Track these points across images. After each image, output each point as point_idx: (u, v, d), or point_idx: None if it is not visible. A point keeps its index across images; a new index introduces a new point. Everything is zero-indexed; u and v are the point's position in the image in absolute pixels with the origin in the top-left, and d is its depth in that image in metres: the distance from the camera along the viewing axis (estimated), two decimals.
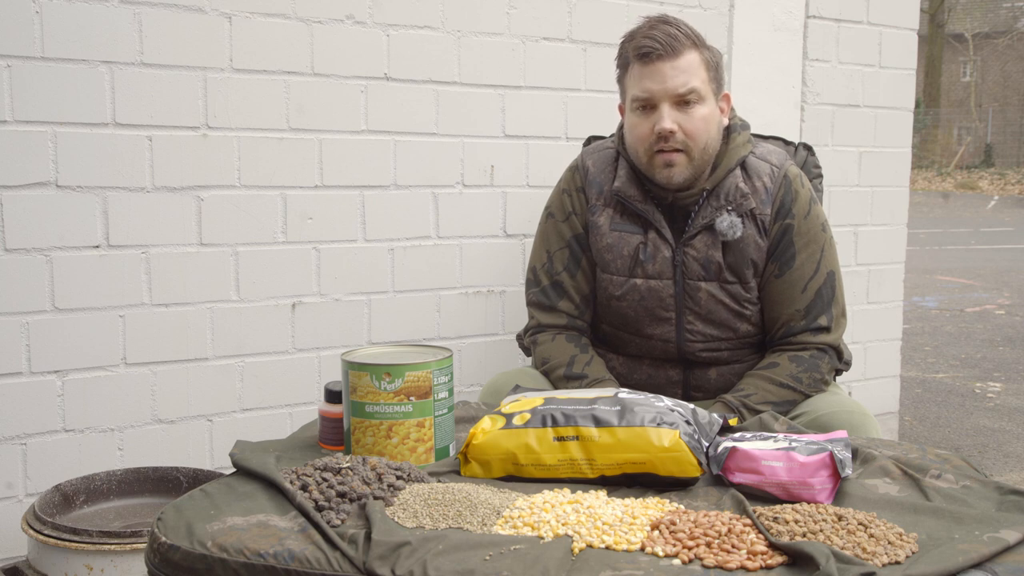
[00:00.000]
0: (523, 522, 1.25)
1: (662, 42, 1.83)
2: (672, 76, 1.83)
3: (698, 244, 1.91)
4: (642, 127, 1.88)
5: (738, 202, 1.90)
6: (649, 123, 1.86)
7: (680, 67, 1.83)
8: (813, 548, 1.12)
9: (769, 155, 1.96)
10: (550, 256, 2.03)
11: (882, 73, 3.20)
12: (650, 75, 1.85)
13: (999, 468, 3.49)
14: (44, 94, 2.02)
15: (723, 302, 1.92)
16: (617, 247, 1.96)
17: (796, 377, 1.88)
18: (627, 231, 1.95)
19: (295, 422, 2.33)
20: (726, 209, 1.90)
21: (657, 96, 1.85)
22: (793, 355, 1.90)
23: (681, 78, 1.83)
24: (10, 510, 2.08)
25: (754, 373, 1.91)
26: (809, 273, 1.92)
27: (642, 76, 1.86)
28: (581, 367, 1.93)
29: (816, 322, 1.91)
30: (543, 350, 2.00)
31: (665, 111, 1.84)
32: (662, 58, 1.83)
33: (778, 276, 1.92)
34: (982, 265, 9.41)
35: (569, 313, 2.01)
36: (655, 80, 1.84)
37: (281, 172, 2.28)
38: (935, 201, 17.57)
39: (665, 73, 1.83)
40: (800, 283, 1.92)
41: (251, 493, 1.37)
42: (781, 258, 1.92)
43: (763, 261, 1.93)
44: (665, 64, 1.83)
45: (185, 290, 2.20)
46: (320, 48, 2.29)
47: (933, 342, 5.82)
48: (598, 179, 2.00)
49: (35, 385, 2.08)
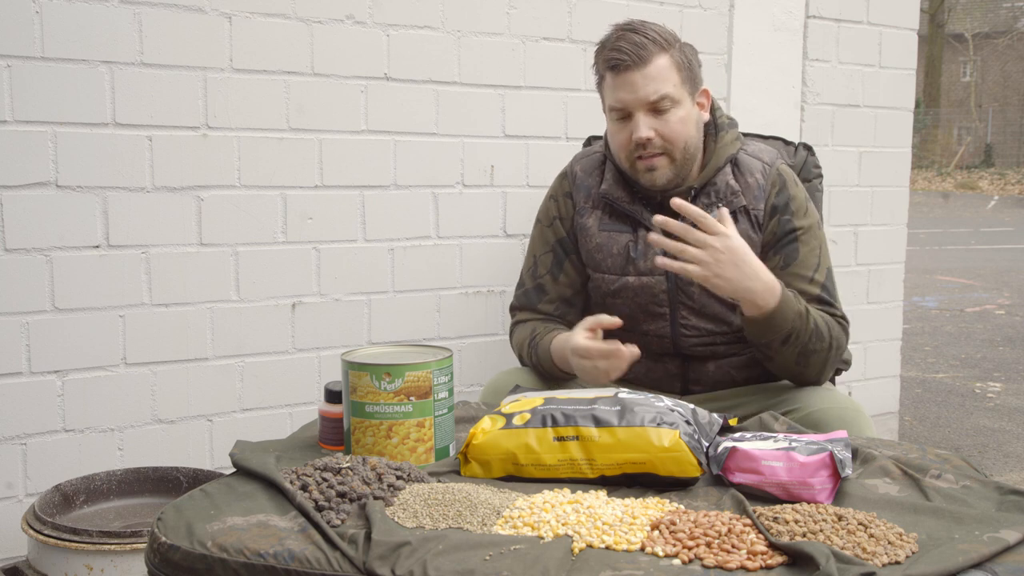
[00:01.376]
0: (523, 522, 1.25)
1: (629, 52, 1.84)
2: (643, 85, 1.84)
3: None
4: (621, 135, 1.90)
5: (728, 199, 1.91)
6: (627, 131, 1.89)
7: (650, 75, 1.84)
8: (813, 548, 1.12)
9: (760, 153, 1.98)
10: (535, 260, 2.07)
11: (882, 73, 3.20)
12: (622, 85, 1.86)
13: (999, 468, 3.49)
14: (44, 94, 2.02)
15: (716, 296, 1.92)
16: (607, 246, 1.97)
17: (828, 323, 1.85)
18: (616, 230, 1.97)
19: (295, 422, 2.33)
20: (716, 206, 1.90)
21: (631, 105, 1.86)
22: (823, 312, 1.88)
23: (652, 86, 1.84)
24: (10, 510, 2.08)
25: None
26: (813, 266, 1.92)
27: (615, 87, 1.88)
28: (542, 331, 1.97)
29: (831, 309, 1.90)
30: (517, 334, 2.04)
31: (640, 120, 1.86)
32: (631, 68, 1.84)
33: (784, 268, 1.91)
34: (982, 265, 9.41)
35: (548, 313, 2.04)
36: (627, 90, 1.86)
37: (281, 172, 2.28)
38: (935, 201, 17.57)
39: (636, 83, 1.85)
40: (807, 274, 1.91)
41: (251, 493, 1.37)
42: (784, 250, 1.92)
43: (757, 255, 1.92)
44: (635, 74, 1.84)
45: (185, 290, 2.20)
46: (320, 48, 2.29)
47: (933, 342, 5.82)
48: (586, 183, 2.02)
49: (35, 385, 2.08)
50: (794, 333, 1.79)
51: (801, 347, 1.82)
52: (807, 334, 1.81)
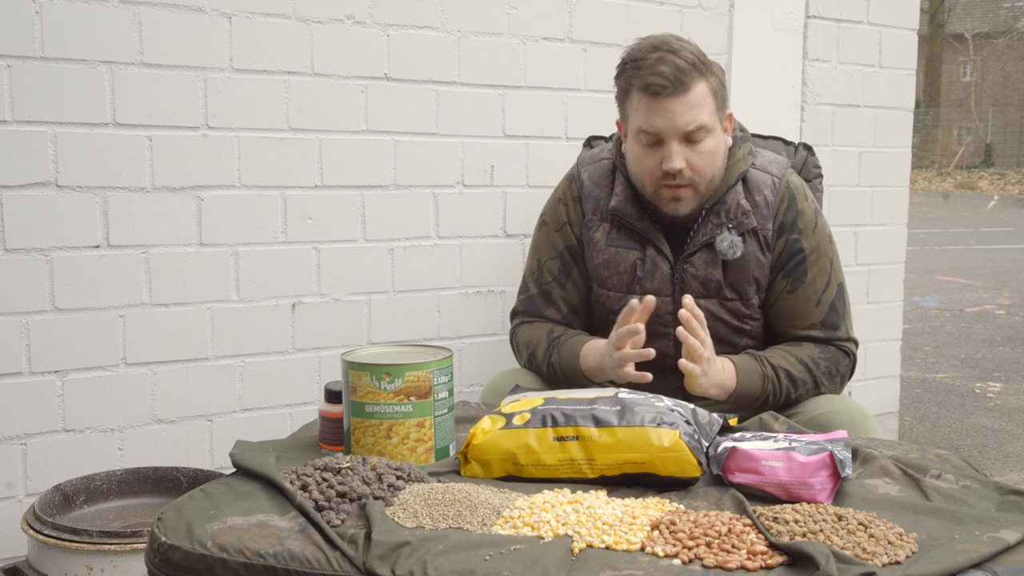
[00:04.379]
0: (523, 522, 1.25)
1: (671, 79, 1.76)
2: (681, 113, 1.77)
3: (697, 262, 1.90)
4: (648, 161, 1.84)
5: (739, 220, 1.88)
6: (656, 158, 1.82)
7: (689, 102, 1.78)
8: (813, 548, 1.12)
9: (770, 165, 1.93)
10: (540, 265, 2.03)
11: (882, 73, 3.20)
12: (658, 111, 1.78)
13: (999, 468, 3.49)
14: (44, 94, 2.02)
15: (722, 319, 1.91)
16: (614, 263, 1.94)
17: (815, 361, 1.87)
18: (624, 247, 1.94)
19: (295, 422, 2.33)
20: (727, 227, 1.87)
21: (665, 133, 1.80)
22: (818, 345, 1.90)
23: (690, 114, 1.78)
24: (10, 510, 2.08)
25: (778, 346, 1.91)
26: (822, 287, 1.90)
27: (649, 111, 1.79)
28: (560, 332, 1.96)
29: (835, 333, 1.91)
30: (524, 336, 2.01)
31: (674, 149, 1.80)
32: (672, 95, 1.77)
33: (791, 292, 1.90)
34: (982, 265, 9.41)
35: (554, 320, 2.01)
36: (664, 117, 1.78)
37: (281, 172, 2.28)
38: (935, 201, 17.57)
39: (674, 110, 1.77)
40: (814, 297, 1.90)
41: (251, 493, 1.37)
42: (792, 273, 1.90)
43: (766, 277, 1.91)
44: (674, 101, 1.77)
45: (185, 290, 2.20)
46: (320, 48, 2.29)
47: (933, 342, 5.82)
48: (594, 193, 1.98)
49: (35, 385, 2.08)
50: (768, 395, 1.85)
51: (784, 399, 1.87)
52: (783, 391, 1.86)
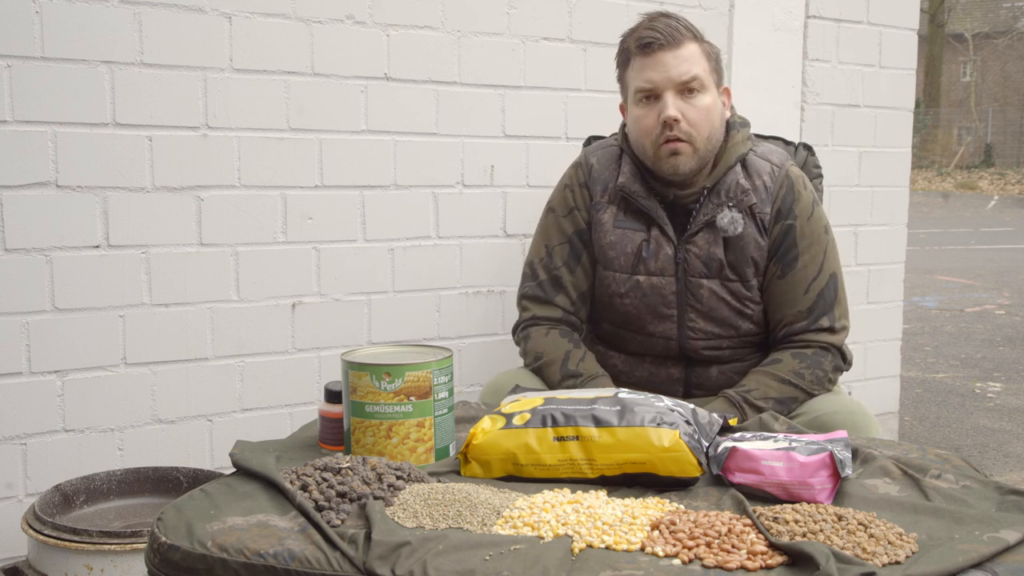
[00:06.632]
0: (523, 522, 1.25)
1: (663, 32, 1.86)
2: (675, 65, 1.86)
3: (700, 241, 1.92)
4: (647, 118, 1.90)
5: (739, 198, 1.91)
6: (654, 113, 1.88)
7: (682, 56, 1.86)
8: (813, 548, 1.12)
9: (770, 154, 1.97)
10: (549, 251, 2.03)
11: (882, 73, 3.20)
12: (652, 65, 1.87)
13: (999, 468, 3.49)
14: (44, 94, 2.02)
15: (724, 299, 1.92)
16: (620, 244, 1.96)
17: (799, 373, 1.88)
18: (630, 228, 1.96)
19: (295, 422, 2.33)
20: (727, 205, 1.91)
21: (661, 85, 1.87)
22: (796, 352, 1.90)
23: (684, 66, 1.86)
24: (10, 510, 2.08)
25: (757, 370, 1.91)
26: (812, 275, 1.92)
27: (644, 67, 1.88)
28: (576, 363, 1.93)
29: (818, 323, 1.91)
30: (536, 344, 2.00)
31: (669, 99, 1.86)
32: (664, 48, 1.86)
33: (780, 277, 1.92)
34: (982, 265, 9.41)
35: (565, 308, 2.01)
36: (658, 70, 1.87)
37: (281, 172, 2.28)
38: (935, 201, 17.57)
39: (667, 62, 1.86)
40: (803, 284, 1.92)
41: (251, 493, 1.37)
42: (784, 259, 1.92)
43: (764, 260, 1.93)
44: (667, 53, 1.86)
45: (185, 290, 2.20)
46: (320, 48, 2.29)
47: (933, 342, 5.82)
48: (602, 176, 2.01)
49: (35, 385, 2.08)
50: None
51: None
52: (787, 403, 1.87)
